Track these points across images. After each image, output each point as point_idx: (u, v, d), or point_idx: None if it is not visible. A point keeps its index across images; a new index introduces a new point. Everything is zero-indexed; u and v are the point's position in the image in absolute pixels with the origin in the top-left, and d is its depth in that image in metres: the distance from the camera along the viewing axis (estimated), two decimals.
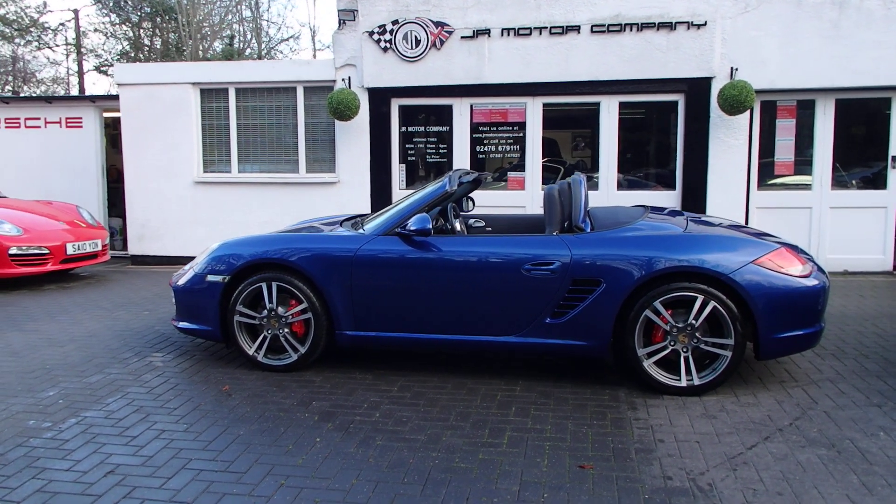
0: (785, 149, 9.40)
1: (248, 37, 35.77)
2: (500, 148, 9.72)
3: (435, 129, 9.86)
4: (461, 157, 9.77)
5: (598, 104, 9.43)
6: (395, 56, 9.58)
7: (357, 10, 9.60)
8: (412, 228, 4.89)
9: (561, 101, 9.53)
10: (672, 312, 4.61)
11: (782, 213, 9.37)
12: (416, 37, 9.49)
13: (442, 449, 3.87)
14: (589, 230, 4.90)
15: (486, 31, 9.37)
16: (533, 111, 9.56)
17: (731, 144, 9.12)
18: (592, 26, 9.13)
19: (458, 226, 6.06)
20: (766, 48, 8.95)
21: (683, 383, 4.60)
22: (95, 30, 38.63)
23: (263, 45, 35.07)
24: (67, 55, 36.04)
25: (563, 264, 4.70)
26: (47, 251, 8.34)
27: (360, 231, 5.26)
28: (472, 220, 6.54)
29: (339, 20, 9.71)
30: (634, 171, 9.64)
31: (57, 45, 35.20)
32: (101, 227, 9.45)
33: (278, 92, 10.20)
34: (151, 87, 10.37)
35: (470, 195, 6.65)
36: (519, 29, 9.29)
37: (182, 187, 10.46)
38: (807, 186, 9.33)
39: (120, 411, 4.47)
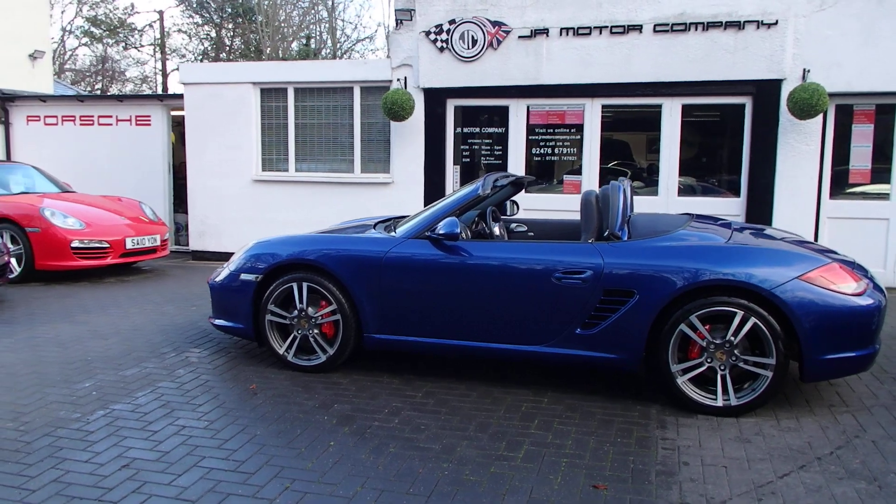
0: (861, 156, 8.87)
1: (325, 37, 36.37)
2: (556, 150, 9.51)
3: (490, 130, 9.73)
4: (517, 159, 9.60)
5: (659, 106, 9.11)
6: (451, 56, 9.49)
7: (414, 10, 9.55)
8: (441, 232, 4.79)
9: (621, 102, 9.26)
10: (710, 327, 4.36)
11: (856, 224, 8.84)
12: (472, 36, 9.38)
13: (454, 460, 3.75)
14: (626, 238, 4.70)
15: (545, 31, 9.17)
16: (591, 113, 9.32)
17: (801, 150, 8.66)
18: (655, 25, 8.82)
19: (497, 230, 5.92)
20: (842, 48, 8.46)
21: (719, 403, 4.34)
22: (179, 30, 40.05)
23: (339, 46, 35.57)
24: (154, 54, 37.45)
25: (594, 273, 4.51)
26: (107, 245, 8.59)
27: (392, 234, 5.19)
28: (513, 225, 6.39)
29: (397, 20, 9.68)
30: (697, 177, 9.27)
31: (143, 46, 36.66)
32: (161, 224, 9.69)
33: (335, 92, 10.25)
34: (214, 86, 10.58)
35: (513, 199, 6.50)
36: (578, 28, 9.06)
37: (241, 185, 10.63)
38: (884, 196, 8.78)
39: (147, 405, 4.52)
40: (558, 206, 9.40)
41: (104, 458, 3.76)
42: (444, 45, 9.49)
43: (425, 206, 9.66)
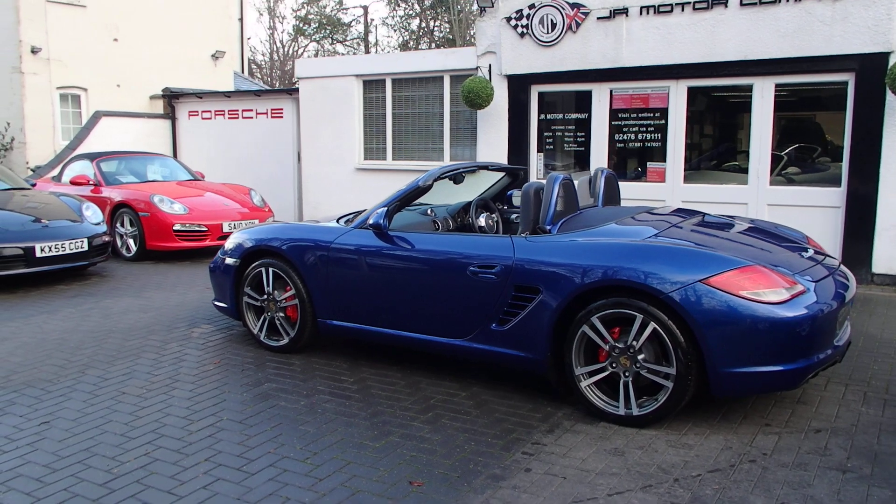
0: None
1: None
2: (639, 136, 9.03)
3: (573, 116, 9.45)
4: (599, 146, 9.25)
5: (750, 87, 8.32)
6: (531, 41, 9.33)
7: None
8: (370, 223, 4.91)
9: (707, 84, 8.58)
10: (620, 331, 4.08)
11: None
12: (551, 20, 9.15)
13: (316, 442, 3.89)
14: (555, 233, 4.51)
15: (624, 11, 8.73)
16: (676, 96, 8.72)
17: None
18: None
19: (482, 222, 5.89)
20: None
21: (621, 412, 4.07)
22: (384, 23, 42.25)
23: None
24: (358, 45, 39.84)
25: (504, 268, 4.39)
26: (205, 228, 9.52)
27: (348, 224, 5.36)
28: (514, 216, 6.26)
29: (480, 8, 9.68)
30: (792, 165, 8.37)
31: (347, 40, 39.13)
32: (265, 210, 10.47)
33: (427, 81, 10.48)
34: (323, 79, 11.25)
35: (516, 191, 6.36)
36: (659, 6, 8.52)
37: (346, 173, 11.24)
38: None
39: (112, 372, 5.08)
40: (640, 194, 8.91)
41: (34, 415, 4.33)
42: (525, 30, 9.36)
43: None
